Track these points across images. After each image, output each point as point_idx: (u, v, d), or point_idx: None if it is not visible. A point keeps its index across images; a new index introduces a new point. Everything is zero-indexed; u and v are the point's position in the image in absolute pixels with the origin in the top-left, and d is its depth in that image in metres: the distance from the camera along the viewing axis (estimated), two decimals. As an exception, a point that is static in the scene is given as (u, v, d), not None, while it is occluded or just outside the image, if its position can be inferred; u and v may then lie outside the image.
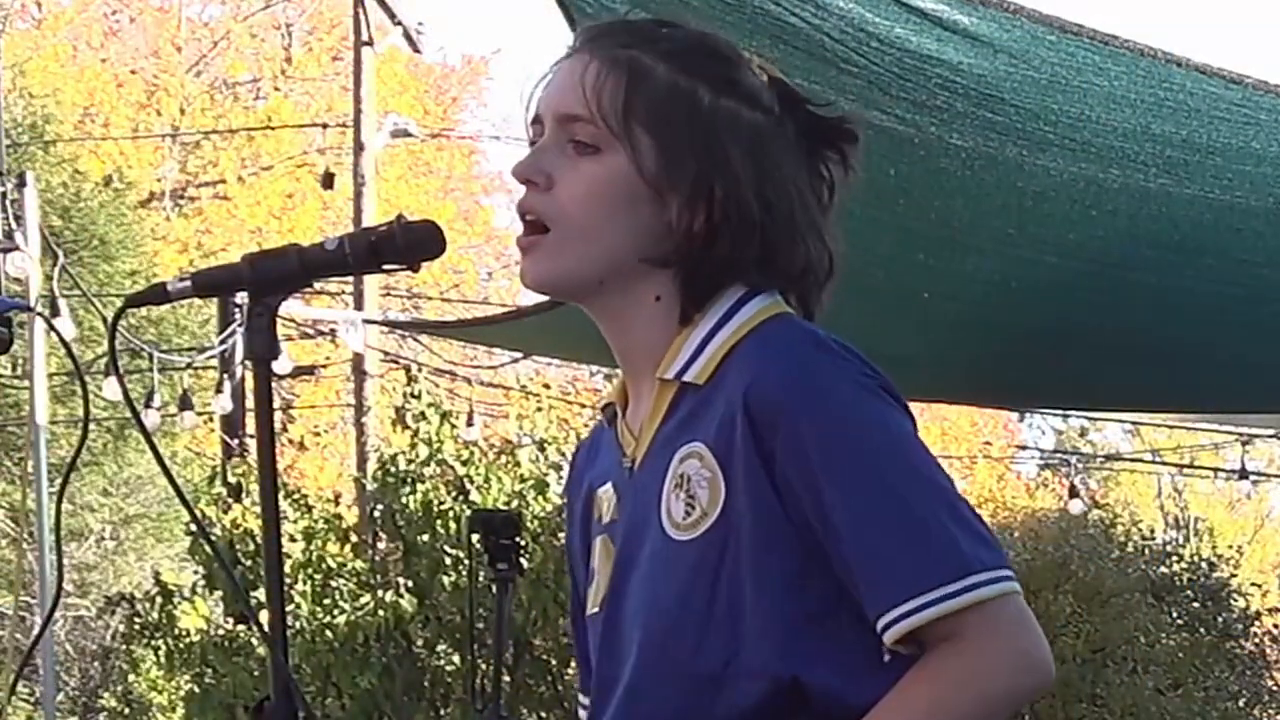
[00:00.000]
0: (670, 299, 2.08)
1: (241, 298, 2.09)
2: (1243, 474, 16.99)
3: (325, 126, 25.10)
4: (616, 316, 2.10)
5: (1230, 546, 22.19)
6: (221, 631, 11.24)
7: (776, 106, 2.10)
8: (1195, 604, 17.51)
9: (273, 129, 26.01)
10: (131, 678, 13.45)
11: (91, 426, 4.08)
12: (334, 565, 11.20)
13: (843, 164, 2.13)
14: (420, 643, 11.00)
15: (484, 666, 10.20)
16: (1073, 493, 16.66)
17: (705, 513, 1.99)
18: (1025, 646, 1.94)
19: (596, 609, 2.14)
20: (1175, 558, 18.36)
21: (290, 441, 23.44)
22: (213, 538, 10.91)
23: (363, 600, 10.89)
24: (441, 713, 10.93)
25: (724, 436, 1.99)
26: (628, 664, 2.06)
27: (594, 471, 2.19)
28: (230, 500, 11.57)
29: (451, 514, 10.96)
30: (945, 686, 1.92)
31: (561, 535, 10.94)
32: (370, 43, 16.95)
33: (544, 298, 2.66)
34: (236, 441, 15.45)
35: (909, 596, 1.91)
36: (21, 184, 9.87)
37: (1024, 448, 30.01)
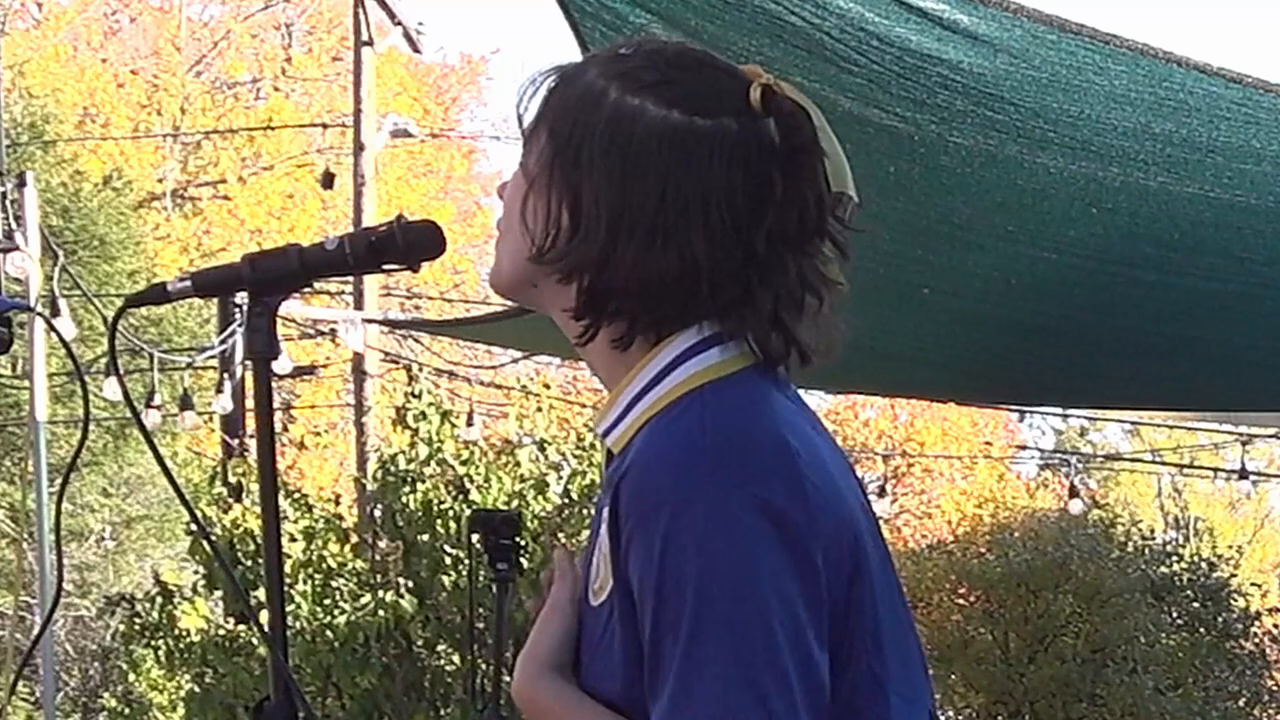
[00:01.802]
0: None
1: (241, 298, 2.09)
2: (1243, 474, 17.00)
3: (325, 126, 25.12)
4: (560, 324, 2.06)
5: (1230, 546, 22.22)
6: (222, 631, 11.24)
7: (731, 110, 1.96)
8: (1195, 604, 17.52)
9: (273, 129, 26.03)
10: (131, 678, 13.45)
11: (91, 426, 4.09)
12: (334, 565, 11.20)
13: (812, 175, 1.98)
14: (420, 643, 11.00)
15: (484, 666, 10.20)
16: (1073, 493, 16.67)
17: (603, 585, 1.95)
18: None
19: None
20: (1175, 558, 18.37)
21: (290, 441, 23.45)
22: (213, 538, 10.92)
23: (363, 600, 10.89)
24: (441, 713, 10.93)
25: (613, 517, 1.93)
26: None
27: None
28: (230, 500, 11.57)
29: (451, 514, 10.96)
30: None
31: (561, 535, 10.96)
32: (370, 43, 16.96)
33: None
34: (236, 441, 15.46)
35: None
36: (21, 184, 9.87)
37: (1024, 448, 30.03)
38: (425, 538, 10.98)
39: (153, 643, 11.71)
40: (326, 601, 10.96)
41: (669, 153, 1.95)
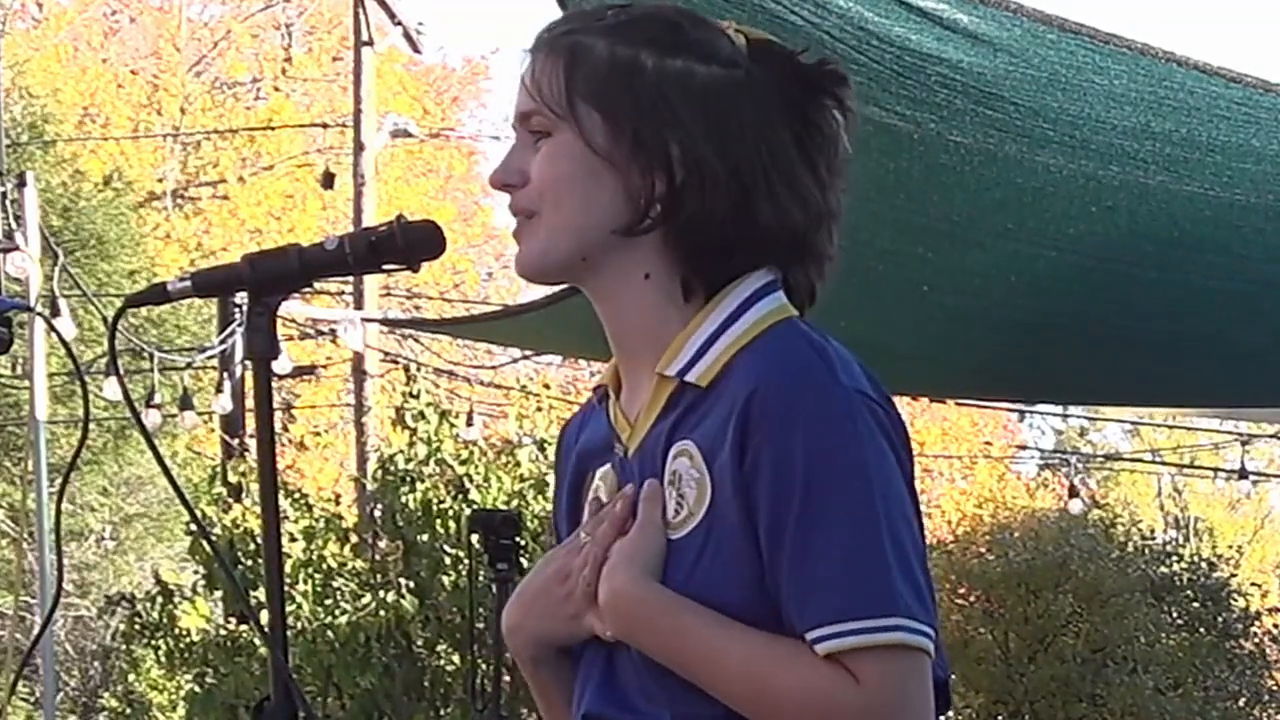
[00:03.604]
0: (661, 278, 2.07)
1: (241, 298, 2.09)
2: (1243, 474, 17.00)
3: (325, 126, 25.12)
4: (609, 297, 2.11)
5: (1230, 546, 22.21)
6: (222, 632, 11.25)
7: (743, 61, 2.08)
8: (1195, 604, 17.50)
9: (273, 129, 26.02)
10: (131, 678, 13.46)
11: (91, 426, 4.09)
12: (334, 565, 11.20)
13: (840, 109, 2.11)
14: (420, 643, 11.00)
15: (484, 666, 10.20)
16: (1073, 493, 16.66)
17: (692, 512, 2.01)
18: (915, 704, 1.99)
19: None
20: (1175, 558, 18.35)
21: (290, 441, 23.44)
22: (213, 538, 10.93)
23: (363, 600, 10.89)
24: (441, 713, 10.94)
25: (717, 439, 2.00)
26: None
27: (585, 447, 2.20)
28: (230, 500, 11.57)
29: (451, 513, 10.96)
30: (811, 679, 1.94)
31: (561, 535, 10.95)
32: (370, 43, 16.96)
33: (541, 291, 2.68)
34: (236, 441, 15.46)
35: (836, 620, 1.94)
36: (21, 184, 9.86)
37: (1024, 448, 30.01)
38: (425, 538, 10.99)
39: (153, 642, 11.72)
40: (327, 601, 10.97)
41: (743, 108, 2.06)
